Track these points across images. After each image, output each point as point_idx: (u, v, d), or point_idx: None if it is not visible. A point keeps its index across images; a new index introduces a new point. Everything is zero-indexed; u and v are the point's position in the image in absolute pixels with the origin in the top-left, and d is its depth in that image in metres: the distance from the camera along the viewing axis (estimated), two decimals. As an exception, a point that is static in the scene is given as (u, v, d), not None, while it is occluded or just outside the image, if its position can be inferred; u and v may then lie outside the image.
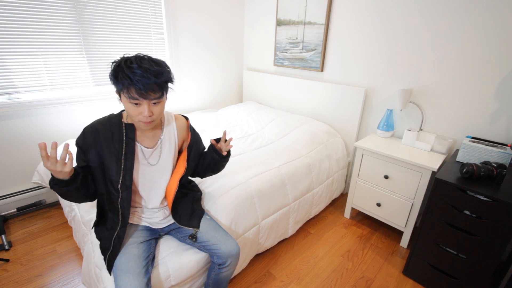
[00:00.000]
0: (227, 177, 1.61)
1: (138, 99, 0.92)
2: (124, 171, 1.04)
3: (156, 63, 0.94)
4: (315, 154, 2.08)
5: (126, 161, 1.04)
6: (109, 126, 1.04)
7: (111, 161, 1.03)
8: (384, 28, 2.03)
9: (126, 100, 0.94)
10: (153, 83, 0.90)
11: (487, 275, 1.34)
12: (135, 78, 0.88)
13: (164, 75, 0.94)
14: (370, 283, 1.62)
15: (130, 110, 0.95)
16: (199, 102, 3.03)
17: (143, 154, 1.10)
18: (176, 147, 1.19)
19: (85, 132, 1.02)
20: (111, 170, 1.03)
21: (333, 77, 2.45)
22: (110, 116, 1.07)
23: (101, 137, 1.02)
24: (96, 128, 1.03)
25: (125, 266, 0.99)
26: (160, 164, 1.14)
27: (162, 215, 1.22)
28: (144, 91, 0.90)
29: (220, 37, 2.95)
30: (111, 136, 1.03)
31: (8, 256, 1.71)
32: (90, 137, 1.01)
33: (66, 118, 2.14)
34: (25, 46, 1.86)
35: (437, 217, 1.46)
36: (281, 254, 1.81)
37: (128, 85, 0.89)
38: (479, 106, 1.73)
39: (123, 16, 2.23)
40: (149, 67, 0.90)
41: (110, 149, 1.02)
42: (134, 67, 0.89)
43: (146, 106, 0.94)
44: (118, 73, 0.90)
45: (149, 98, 0.93)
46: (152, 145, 1.12)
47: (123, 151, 1.04)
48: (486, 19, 1.60)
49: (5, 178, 2.01)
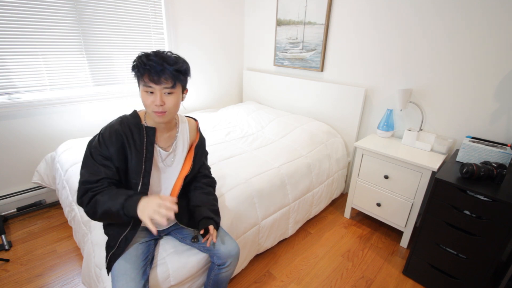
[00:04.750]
0: (227, 177, 1.62)
1: (150, 86, 0.95)
2: (144, 174, 1.05)
3: (174, 55, 0.99)
4: (315, 154, 2.08)
5: (146, 163, 1.05)
6: (129, 128, 1.03)
7: (132, 164, 1.03)
8: (384, 28, 2.03)
9: (142, 89, 0.97)
10: (166, 70, 0.93)
11: (487, 275, 1.34)
12: (149, 63, 0.92)
13: (178, 64, 0.97)
14: (370, 283, 1.62)
15: (145, 100, 0.97)
16: (199, 102, 3.03)
17: (160, 156, 1.11)
18: (187, 148, 1.20)
19: (104, 136, 1.00)
20: (131, 173, 1.04)
21: (333, 77, 2.45)
22: (126, 117, 1.05)
23: (123, 138, 1.01)
24: (116, 128, 1.01)
25: (123, 268, 0.98)
26: (173, 166, 1.15)
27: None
28: (156, 77, 0.93)
29: (220, 36, 2.95)
30: (132, 137, 1.02)
31: (8, 256, 1.71)
32: (111, 139, 1.00)
33: (66, 118, 2.14)
34: (25, 46, 1.86)
35: (437, 217, 1.46)
36: (281, 254, 1.81)
37: (143, 70, 0.93)
38: (479, 106, 1.73)
39: (123, 16, 2.23)
40: (165, 56, 0.95)
41: (131, 151, 1.02)
42: (151, 55, 0.94)
43: (158, 93, 0.96)
44: (136, 62, 0.95)
45: (160, 84, 0.95)
46: (168, 145, 1.13)
47: (144, 154, 1.04)
48: (486, 19, 1.60)
49: (5, 178, 2.01)
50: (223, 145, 2.07)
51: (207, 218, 1.14)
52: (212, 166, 1.73)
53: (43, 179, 2.00)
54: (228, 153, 1.93)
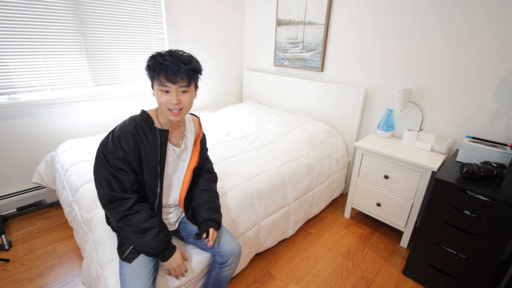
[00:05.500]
0: (227, 178, 1.62)
1: (167, 85, 0.96)
2: (161, 176, 1.08)
3: (186, 54, 1.01)
4: (315, 154, 2.08)
5: (161, 165, 1.07)
6: (143, 130, 1.03)
7: (148, 166, 1.04)
8: (384, 28, 2.03)
9: (157, 88, 0.98)
10: (181, 69, 0.96)
11: (487, 275, 1.34)
12: (165, 63, 0.94)
13: (193, 63, 1.00)
14: (370, 283, 1.62)
15: (160, 98, 0.99)
16: (199, 102, 3.03)
17: (174, 153, 1.13)
18: (193, 142, 1.22)
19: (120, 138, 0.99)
20: (149, 175, 1.05)
21: (333, 77, 2.45)
22: (138, 119, 1.05)
23: (137, 140, 1.01)
24: (131, 131, 1.01)
25: (135, 272, 1.00)
26: (186, 161, 1.18)
27: (175, 216, 1.24)
28: (173, 76, 0.95)
29: (220, 36, 2.95)
30: (146, 140, 1.03)
31: (8, 256, 1.71)
32: (127, 141, 1.00)
33: (66, 118, 2.14)
34: (25, 46, 1.86)
35: (437, 217, 1.46)
36: (281, 254, 1.81)
37: (159, 70, 0.95)
38: (479, 106, 1.73)
39: (123, 16, 2.23)
40: (180, 56, 0.98)
41: (147, 153, 1.03)
42: (166, 55, 0.96)
43: (174, 93, 0.98)
44: (151, 62, 0.97)
45: (177, 83, 0.97)
46: (178, 141, 1.16)
47: (158, 156, 1.06)
48: (486, 19, 1.60)
49: (5, 178, 2.01)
50: (223, 145, 2.07)
51: (207, 220, 1.15)
52: (212, 166, 1.73)
53: (43, 179, 2.00)
54: (228, 153, 1.93)
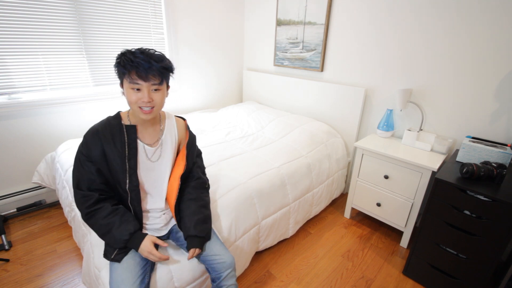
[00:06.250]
0: (227, 178, 1.61)
1: (138, 83, 0.96)
2: (130, 172, 1.06)
3: (158, 53, 1.01)
4: (315, 154, 2.08)
5: (130, 161, 1.06)
6: (109, 129, 1.04)
7: (116, 163, 1.04)
8: (384, 28, 2.03)
9: (128, 86, 0.98)
10: (153, 67, 0.95)
11: (487, 275, 1.34)
12: (136, 60, 0.93)
13: (165, 61, 1.00)
14: (370, 283, 1.62)
15: (130, 97, 0.98)
16: (199, 102, 3.03)
17: (145, 152, 1.11)
18: (176, 145, 1.20)
19: (87, 138, 1.03)
20: (117, 172, 1.05)
21: (333, 77, 2.45)
22: (108, 119, 1.07)
23: (102, 139, 1.03)
24: (97, 130, 1.04)
25: (119, 277, 0.98)
26: (161, 161, 1.15)
27: (163, 220, 1.21)
28: (144, 73, 0.94)
29: (220, 36, 2.95)
30: (112, 138, 1.04)
31: (8, 256, 1.71)
32: (93, 141, 1.03)
33: (66, 118, 2.14)
34: (25, 46, 1.86)
35: (437, 217, 1.46)
36: (281, 254, 1.81)
37: (130, 67, 0.94)
38: (479, 106, 1.73)
39: (123, 16, 2.23)
40: (151, 54, 0.98)
41: (113, 151, 1.03)
42: (137, 52, 0.96)
43: (146, 90, 0.97)
44: (121, 59, 0.96)
45: (148, 81, 0.96)
46: (153, 141, 1.13)
47: (126, 153, 1.05)
48: (486, 19, 1.60)
49: (5, 178, 2.01)
50: (223, 145, 2.07)
51: (191, 237, 1.11)
52: (212, 166, 1.73)
53: (43, 179, 2.00)
54: (228, 153, 1.93)
